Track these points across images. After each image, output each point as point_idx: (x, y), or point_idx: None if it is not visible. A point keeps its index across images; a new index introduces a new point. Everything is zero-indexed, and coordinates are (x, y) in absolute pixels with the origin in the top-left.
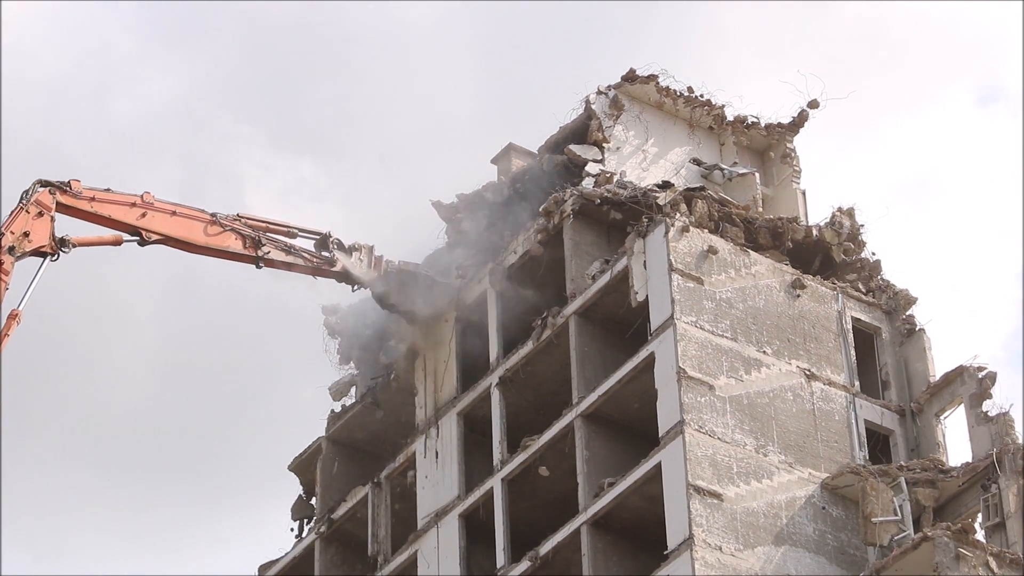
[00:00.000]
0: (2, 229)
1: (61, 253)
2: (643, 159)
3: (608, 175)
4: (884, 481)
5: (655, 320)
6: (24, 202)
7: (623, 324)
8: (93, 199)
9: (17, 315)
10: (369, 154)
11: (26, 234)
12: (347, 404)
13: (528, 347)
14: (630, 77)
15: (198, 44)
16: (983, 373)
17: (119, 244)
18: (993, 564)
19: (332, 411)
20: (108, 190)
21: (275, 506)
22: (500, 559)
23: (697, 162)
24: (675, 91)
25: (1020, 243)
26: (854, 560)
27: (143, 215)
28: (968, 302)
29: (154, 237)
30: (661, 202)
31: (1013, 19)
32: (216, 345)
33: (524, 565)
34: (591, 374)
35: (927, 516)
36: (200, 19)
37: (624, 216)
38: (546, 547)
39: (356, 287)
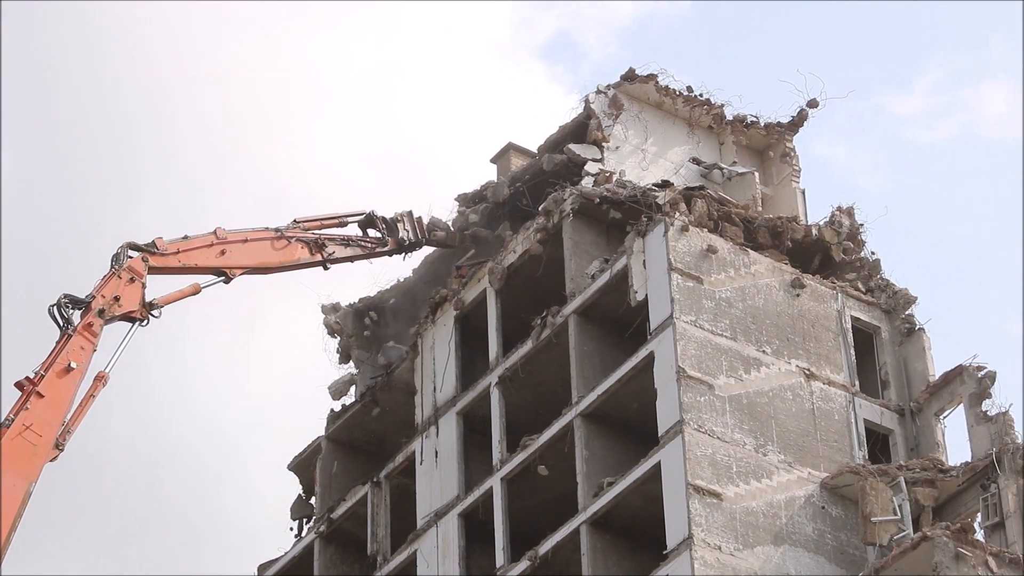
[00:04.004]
0: (94, 292)
1: (151, 317)
2: (642, 158)
3: (607, 174)
4: (883, 481)
5: (654, 319)
6: (116, 268)
7: (622, 323)
8: (178, 252)
9: (104, 377)
10: None
11: (116, 298)
12: (346, 403)
13: (527, 346)
14: (629, 76)
15: None
16: (982, 372)
17: (198, 292)
18: (992, 564)
19: (331, 410)
20: (185, 238)
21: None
22: (499, 558)
23: (696, 161)
24: (674, 90)
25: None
26: (853, 560)
27: (222, 253)
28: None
29: (237, 272)
30: (660, 201)
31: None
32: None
33: (523, 564)
34: (590, 373)
35: (926, 516)
36: None
37: (623, 215)
38: (545, 546)
39: (407, 255)
